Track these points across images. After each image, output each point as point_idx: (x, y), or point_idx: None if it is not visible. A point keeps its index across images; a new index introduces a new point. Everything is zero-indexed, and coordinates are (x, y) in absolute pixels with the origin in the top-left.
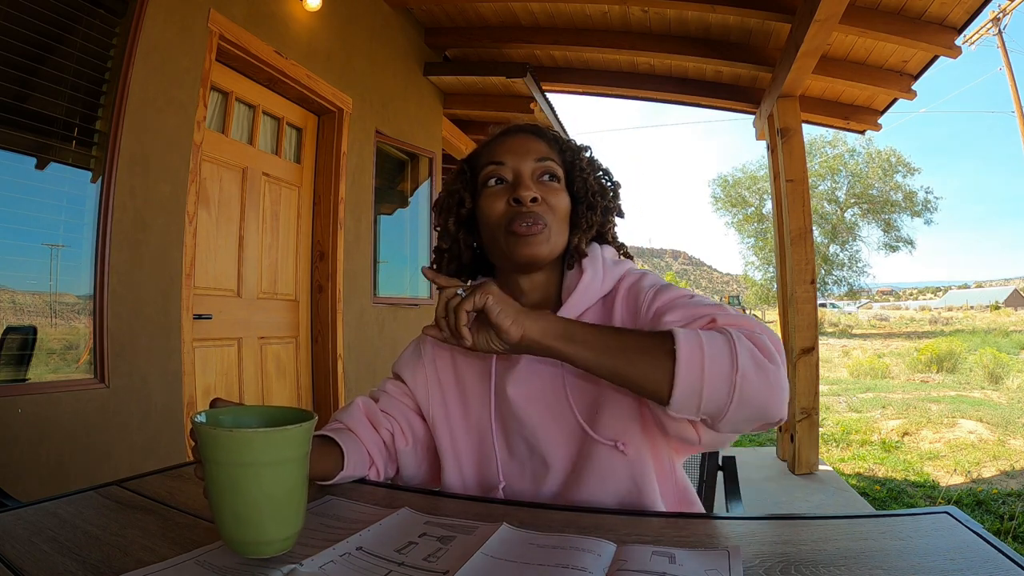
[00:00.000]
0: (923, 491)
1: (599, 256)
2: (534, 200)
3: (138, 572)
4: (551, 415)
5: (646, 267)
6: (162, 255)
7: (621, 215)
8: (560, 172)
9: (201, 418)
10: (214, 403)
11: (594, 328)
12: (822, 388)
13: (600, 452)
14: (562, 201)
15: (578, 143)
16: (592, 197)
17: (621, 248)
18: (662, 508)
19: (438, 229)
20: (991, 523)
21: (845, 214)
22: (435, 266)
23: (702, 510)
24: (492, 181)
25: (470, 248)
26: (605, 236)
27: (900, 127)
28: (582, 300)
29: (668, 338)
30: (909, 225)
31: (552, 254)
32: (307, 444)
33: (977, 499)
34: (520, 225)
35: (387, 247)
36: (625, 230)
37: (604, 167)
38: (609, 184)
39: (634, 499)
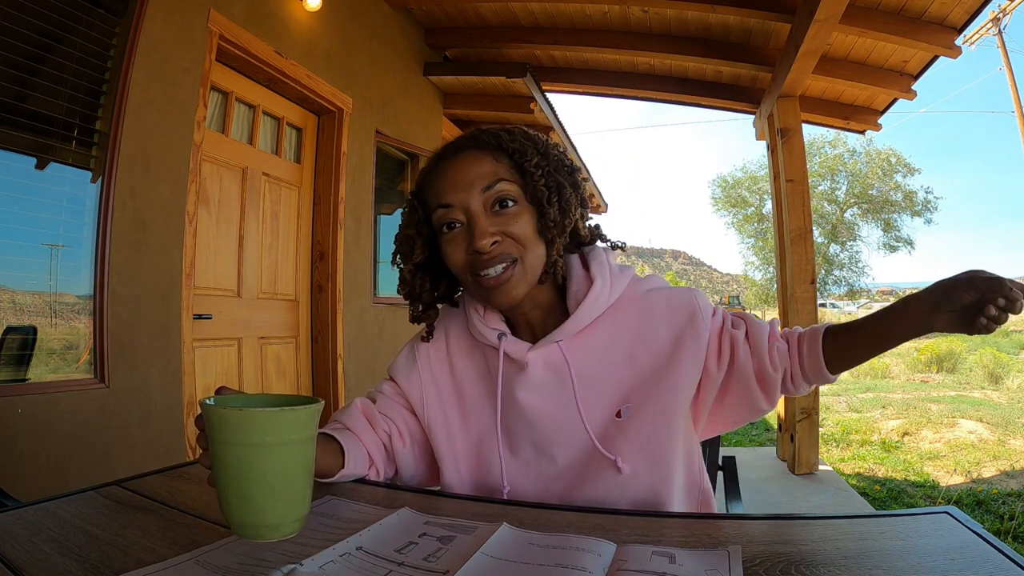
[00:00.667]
0: (923, 491)
1: (606, 263)
2: (495, 243)
3: (138, 572)
4: (561, 418)
5: (647, 268)
6: (162, 255)
7: (584, 205)
8: (514, 188)
9: (210, 401)
10: (220, 391)
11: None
12: (822, 388)
13: (605, 464)
14: (525, 224)
15: (525, 134)
16: (546, 204)
17: (603, 237)
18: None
19: (399, 268)
20: (991, 523)
21: (845, 214)
22: (412, 315)
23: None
24: (446, 227)
25: (439, 283)
26: (577, 232)
27: (900, 127)
28: (592, 310)
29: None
30: (909, 225)
31: (532, 282)
32: (313, 428)
33: (977, 499)
34: (487, 277)
35: (387, 247)
36: (625, 230)
37: (556, 154)
38: (566, 171)
39: (646, 507)
